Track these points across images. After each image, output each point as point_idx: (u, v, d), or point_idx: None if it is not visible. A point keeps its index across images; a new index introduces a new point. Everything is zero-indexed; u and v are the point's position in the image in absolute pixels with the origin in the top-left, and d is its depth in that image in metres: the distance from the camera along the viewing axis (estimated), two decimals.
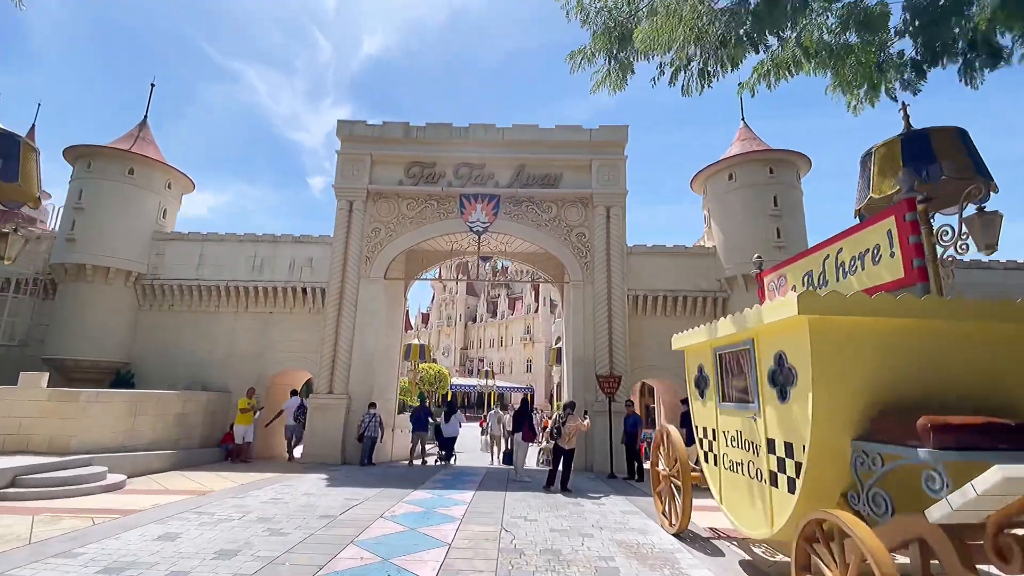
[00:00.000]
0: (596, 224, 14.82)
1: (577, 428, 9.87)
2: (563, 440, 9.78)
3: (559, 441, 9.80)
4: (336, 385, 13.88)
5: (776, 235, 14.06)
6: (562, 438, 9.79)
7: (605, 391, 12.60)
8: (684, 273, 15.07)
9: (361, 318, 14.39)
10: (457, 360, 62.44)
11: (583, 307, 14.47)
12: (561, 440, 9.79)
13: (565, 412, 9.92)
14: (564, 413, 9.91)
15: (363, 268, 14.72)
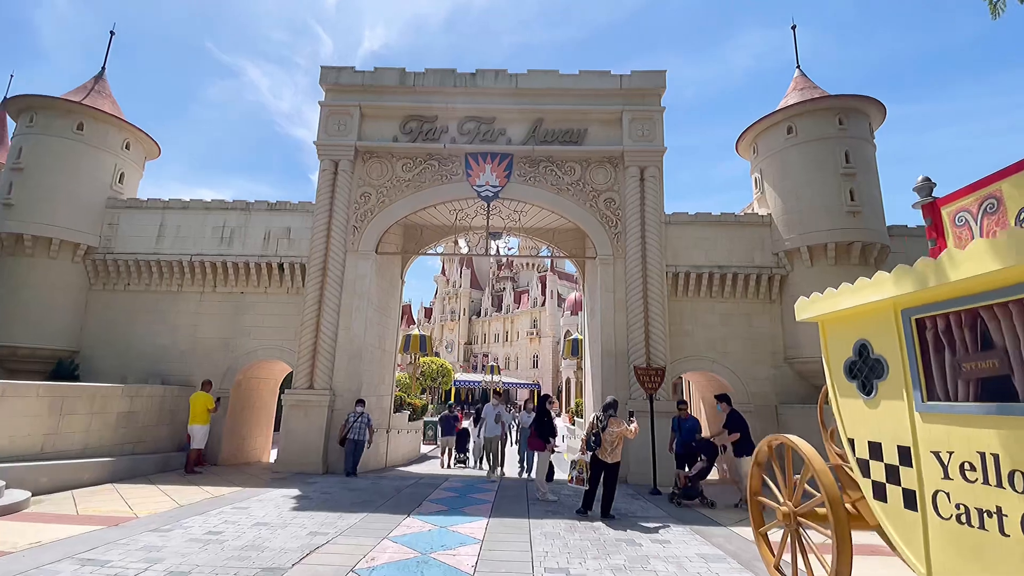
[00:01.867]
0: (628, 188, 12.40)
1: (622, 435, 7.51)
2: (603, 451, 7.41)
3: (598, 452, 7.43)
4: (318, 379, 11.54)
5: (849, 197, 11.60)
6: (601, 448, 7.42)
7: (646, 387, 10.21)
8: (733, 246, 12.64)
9: (348, 300, 12.05)
10: (461, 356, 60.16)
11: (613, 287, 12.07)
12: (601, 451, 7.41)
13: (605, 414, 7.55)
14: (604, 415, 7.54)
15: (350, 240, 12.36)
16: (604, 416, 7.53)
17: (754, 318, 12.50)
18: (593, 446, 7.47)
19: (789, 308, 12.10)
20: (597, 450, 7.42)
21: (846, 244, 11.44)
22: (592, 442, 7.44)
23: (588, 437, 7.55)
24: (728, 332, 12.42)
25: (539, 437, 8.52)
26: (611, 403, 7.64)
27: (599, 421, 7.53)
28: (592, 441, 7.43)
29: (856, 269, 11.56)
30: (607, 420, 7.49)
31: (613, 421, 7.51)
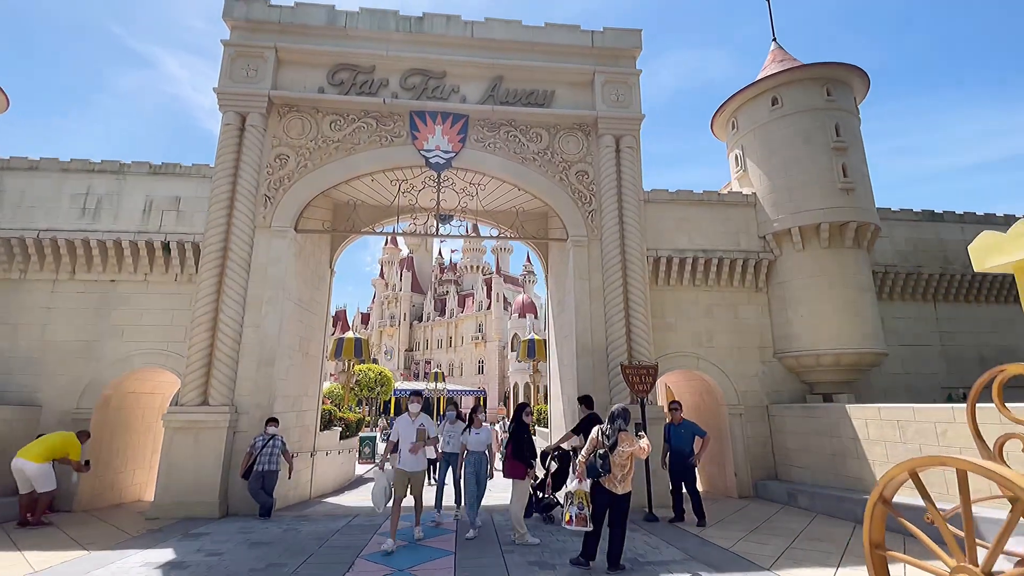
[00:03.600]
0: (603, 160, 10.67)
1: (634, 455, 5.60)
2: (611, 478, 5.46)
3: (604, 480, 5.46)
4: (215, 393, 8.83)
5: (842, 174, 10.49)
6: (610, 475, 5.47)
7: (636, 389, 8.42)
8: (718, 228, 11.24)
9: (258, 289, 9.42)
10: (401, 363, 56.75)
11: (588, 273, 10.25)
12: (608, 479, 5.45)
13: (613, 427, 5.60)
14: (611, 429, 5.59)
15: (261, 213, 9.75)
16: (612, 430, 5.58)
17: (740, 309, 11.13)
18: (600, 472, 5.49)
19: (777, 297, 10.84)
20: (604, 477, 5.46)
21: (840, 224, 10.31)
22: (599, 466, 5.46)
23: (591, 459, 5.57)
24: (713, 325, 10.96)
25: (517, 459, 6.44)
26: (620, 412, 5.69)
27: (605, 437, 5.57)
28: (599, 465, 5.45)
29: (850, 253, 10.48)
30: (616, 435, 5.54)
31: (623, 437, 5.58)
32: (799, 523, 7.67)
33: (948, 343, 11.65)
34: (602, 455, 5.42)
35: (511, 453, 6.48)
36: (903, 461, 3.19)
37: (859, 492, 8.06)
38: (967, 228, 12.18)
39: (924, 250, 11.94)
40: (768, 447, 10.40)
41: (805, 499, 8.76)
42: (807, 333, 10.29)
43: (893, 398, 10.78)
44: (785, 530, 7.20)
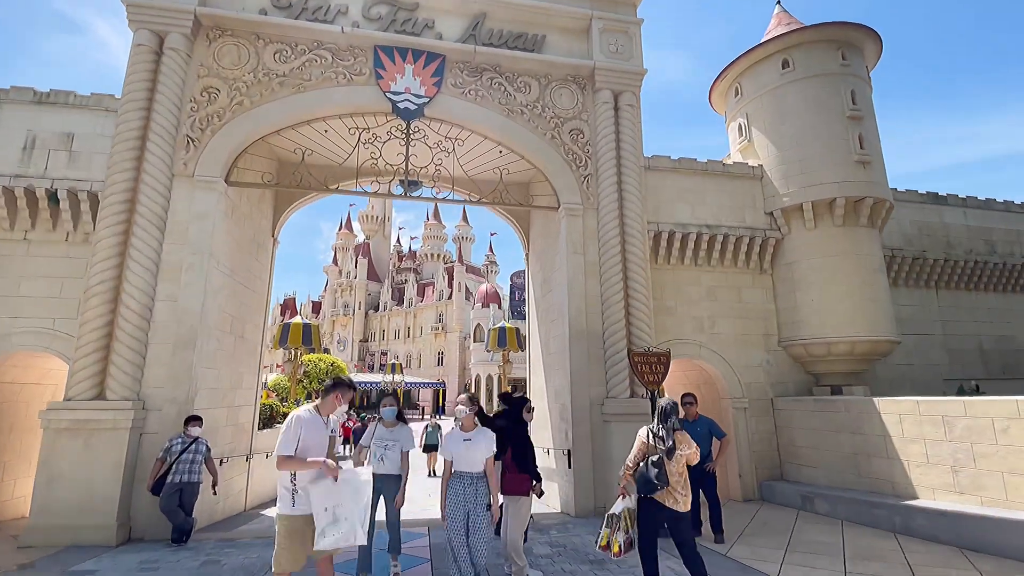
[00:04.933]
0: (600, 118, 9.29)
1: (689, 461, 4.25)
2: (670, 492, 4.09)
3: (661, 495, 4.09)
4: (114, 384, 6.86)
5: (859, 145, 9.56)
6: (667, 489, 4.10)
7: (646, 381, 7.12)
8: (723, 202, 10.11)
9: (176, 254, 7.48)
10: (355, 354, 54.01)
11: (583, 247, 8.87)
12: (666, 493, 4.09)
13: (667, 426, 4.21)
14: (666, 428, 4.20)
15: (182, 159, 7.78)
16: (666, 430, 4.21)
17: (744, 292, 10.08)
18: (657, 484, 4.10)
19: (784, 279, 9.84)
20: (655, 490, 4.09)
21: (856, 200, 9.38)
22: (654, 477, 4.07)
23: (640, 469, 4.19)
24: (716, 309, 9.85)
25: (521, 469, 4.96)
26: (672, 407, 4.31)
27: (658, 440, 4.20)
28: (654, 476, 4.06)
29: (864, 232, 9.58)
30: (672, 437, 4.18)
31: (681, 438, 4.24)
32: (830, 535, 6.61)
33: (949, 332, 11.06)
34: (657, 463, 4.05)
35: (511, 462, 4.99)
36: None
37: (890, 496, 7.09)
38: (969, 213, 11.65)
39: (928, 234, 11.30)
40: (773, 445, 9.41)
41: (824, 504, 7.76)
42: (817, 319, 9.33)
43: (898, 390, 10.03)
44: (824, 547, 6.09)
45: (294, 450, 3.46)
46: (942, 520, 6.13)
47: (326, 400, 3.77)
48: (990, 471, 6.05)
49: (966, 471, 6.35)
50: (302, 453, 3.47)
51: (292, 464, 3.45)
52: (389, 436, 5.14)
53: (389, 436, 5.14)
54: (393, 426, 5.25)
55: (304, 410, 3.64)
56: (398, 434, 5.18)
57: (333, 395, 3.78)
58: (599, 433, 8.20)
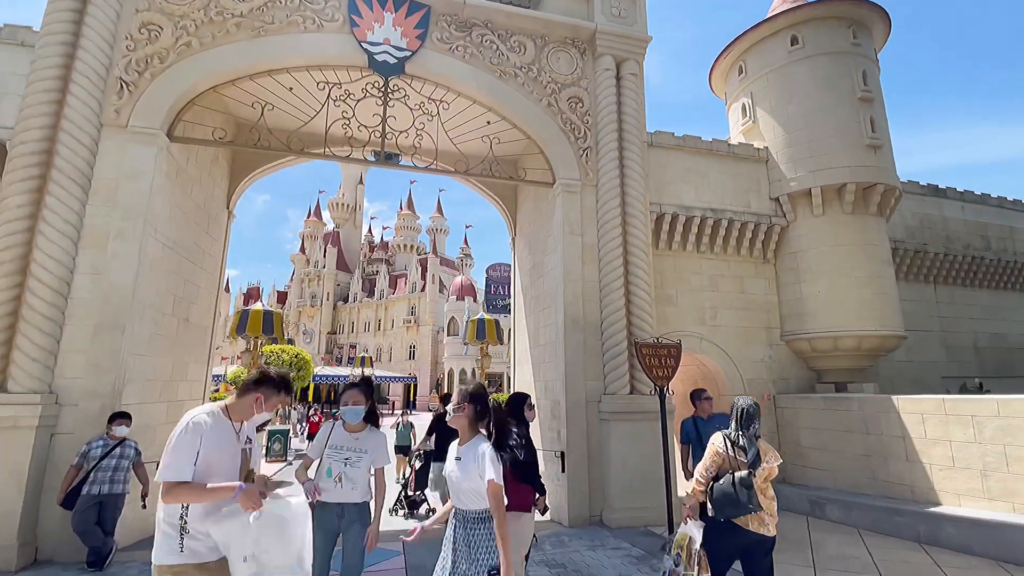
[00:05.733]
0: (601, 87, 8.45)
1: (770, 475, 3.44)
2: (758, 516, 3.29)
3: (746, 519, 3.28)
4: (18, 373, 5.63)
5: (870, 128, 9.01)
6: (742, 505, 3.28)
7: (655, 376, 6.30)
8: (728, 184, 9.43)
9: (102, 217, 6.26)
10: (323, 346, 52.03)
11: (581, 227, 8.02)
12: (755, 517, 3.29)
13: (749, 432, 3.38)
14: (747, 434, 3.37)
15: (114, 106, 6.55)
16: (748, 438, 3.41)
17: (746, 282, 9.44)
18: (749, 506, 3.27)
19: (788, 269, 9.24)
20: (739, 506, 3.29)
21: (866, 187, 8.84)
22: (745, 498, 3.24)
23: (722, 488, 3.37)
24: (718, 300, 9.18)
25: (523, 479, 4.07)
26: (754, 409, 3.50)
27: (738, 450, 3.39)
28: (744, 497, 3.24)
29: (873, 221, 9.06)
30: (756, 446, 3.38)
31: (766, 448, 3.46)
32: (854, 547, 5.98)
33: (947, 329, 10.73)
34: (747, 481, 3.24)
35: (510, 471, 4.09)
36: None
37: (910, 502, 6.53)
38: (967, 207, 11.35)
39: (929, 227, 10.93)
40: (775, 445, 8.79)
41: (836, 510, 7.16)
42: (824, 312, 8.76)
43: (898, 388, 9.60)
44: (855, 563, 5.44)
45: (191, 472, 2.26)
46: (976, 530, 5.57)
47: (242, 402, 2.54)
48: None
49: (997, 475, 5.81)
50: (202, 476, 2.28)
51: (189, 494, 2.24)
52: (353, 445, 3.48)
53: (353, 445, 3.48)
54: (359, 430, 3.55)
55: (204, 412, 2.42)
56: (366, 442, 3.51)
57: (253, 397, 2.54)
58: (595, 433, 7.40)
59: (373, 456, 3.50)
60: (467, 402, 2.87)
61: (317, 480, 3.39)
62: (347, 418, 3.55)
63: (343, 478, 3.38)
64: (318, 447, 3.54)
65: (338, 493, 3.38)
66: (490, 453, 2.73)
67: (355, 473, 3.41)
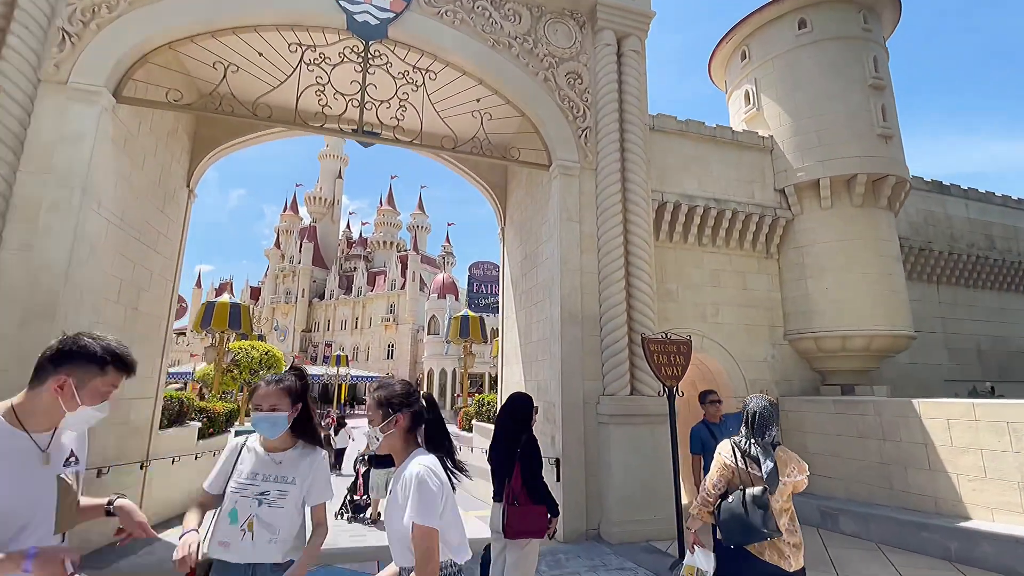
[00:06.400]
0: (601, 63, 7.83)
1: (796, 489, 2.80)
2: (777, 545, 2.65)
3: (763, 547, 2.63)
4: None
5: (881, 117, 8.58)
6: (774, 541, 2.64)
7: (664, 376, 5.68)
8: (731, 174, 8.90)
9: (33, 187, 5.39)
10: (297, 344, 50.48)
11: (579, 214, 7.38)
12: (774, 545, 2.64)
13: (765, 440, 2.76)
14: (762, 442, 2.75)
15: (52, 59, 5.67)
16: (763, 446, 2.78)
17: (749, 278, 8.93)
18: (764, 531, 2.63)
19: (793, 265, 8.76)
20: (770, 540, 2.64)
21: (877, 178, 8.41)
22: (759, 522, 2.60)
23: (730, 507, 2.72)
24: (720, 296, 8.63)
25: (535, 498, 3.40)
26: (769, 412, 2.87)
27: (749, 461, 2.76)
28: (759, 520, 2.60)
29: (883, 215, 8.64)
30: (773, 456, 2.76)
31: (785, 457, 2.84)
32: (880, 566, 5.45)
33: (949, 331, 10.41)
34: (761, 499, 2.60)
35: (520, 488, 3.41)
36: None
37: (933, 515, 6.04)
38: (971, 205, 11.08)
39: (933, 224, 10.61)
40: None
41: (851, 522, 6.65)
42: (832, 309, 8.29)
43: (901, 391, 9.19)
44: None
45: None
46: (1020, 549, 5.06)
47: (36, 395, 1.58)
48: None
49: None
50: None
51: None
52: (272, 473, 2.24)
53: (272, 473, 2.24)
54: (283, 449, 2.30)
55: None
56: (295, 467, 2.26)
57: (53, 383, 1.56)
58: (593, 438, 6.75)
59: (306, 489, 2.23)
60: (399, 412, 1.94)
61: (215, 527, 2.17)
62: (261, 430, 2.24)
63: (255, 524, 2.13)
64: (219, 475, 2.27)
65: (247, 548, 2.11)
66: (422, 475, 1.78)
67: (275, 517, 2.15)
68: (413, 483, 1.77)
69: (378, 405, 1.96)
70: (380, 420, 1.94)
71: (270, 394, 2.23)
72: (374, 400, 1.99)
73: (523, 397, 3.89)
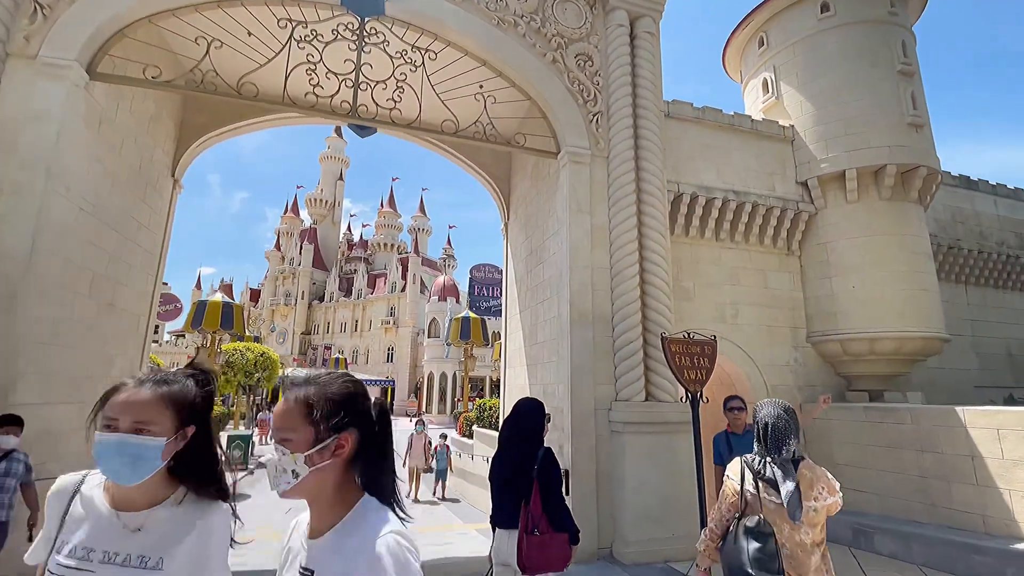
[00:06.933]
0: (612, 45, 7.33)
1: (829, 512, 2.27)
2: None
3: None
4: None
5: (911, 104, 8.06)
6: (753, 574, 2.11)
7: (687, 381, 5.14)
8: (751, 164, 8.38)
9: None
10: (296, 347, 49.94)
11: (590, 205, 6.86)
12: None
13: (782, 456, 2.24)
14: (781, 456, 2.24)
15: (21, 30, 5.20)
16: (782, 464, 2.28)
17: (770, 276, 8.39)
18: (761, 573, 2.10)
19: (816, 262, 8.22)
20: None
21: (907, 170, 7.88)
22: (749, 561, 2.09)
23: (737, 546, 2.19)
24: (739, 295, 8.10)
25: (556, 524, 2.90)
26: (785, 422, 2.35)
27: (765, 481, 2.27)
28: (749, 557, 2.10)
29: (913, 209, 8.11)
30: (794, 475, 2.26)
31: (812, 475, 2.31)
32: None
33: (978, 334, 9.84)
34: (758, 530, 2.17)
35: (539, 513, 2.89)
36: None
37: (984, 536, 5.47)
38: (1000, 202, 10.54)
39: (961, 221, 10.06)
40: None
41: (889, 542, 6.08)
42: (859, 310, 7.74)
43: (935, 399, 8.64)
44: None
45: None
46: None
47: None
48: None
49: None
50: None
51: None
52: (122, 548, 1.23)
53: (122, 548, 1.23)
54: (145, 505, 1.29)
55: None
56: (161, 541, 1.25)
57: None
58: (605, 448, 6.20)
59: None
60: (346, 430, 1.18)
61: None
62: (108, 469, 1.25)
63: None
64: (42, 540, 1.29)
65: None
66: (402, 557, 1.08)
67: None
68: (391, 570, 1.05)
69: (306, 413, 1.15)
70: (307, 441, 1.13)
71: (136, 403, 1.26)
72: (299, 403, 1.16)
73: (532, 403, 3.37)
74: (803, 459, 2.40)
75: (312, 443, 1.14)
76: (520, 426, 3.31)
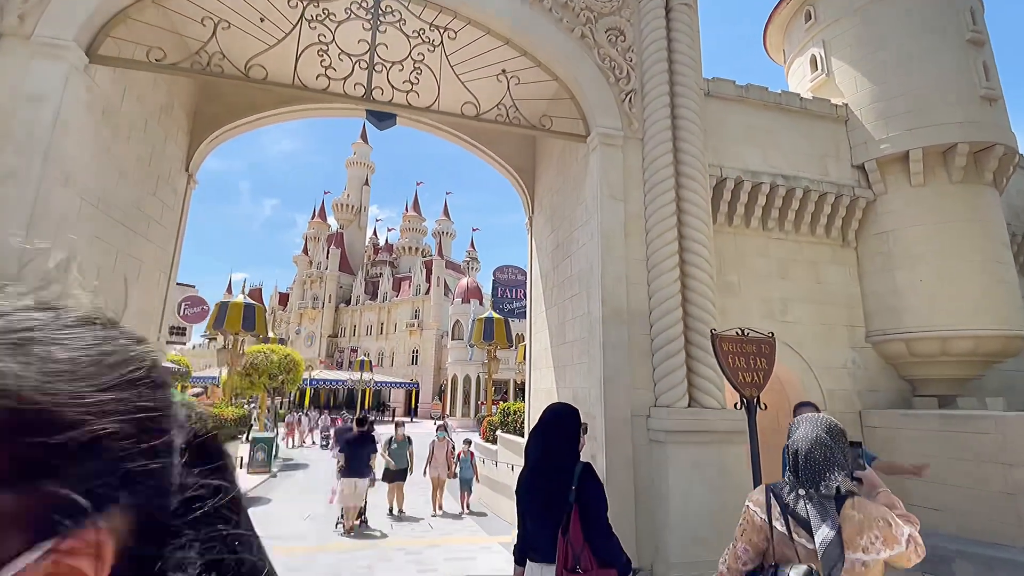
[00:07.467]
0: (647, 16, 6.73)
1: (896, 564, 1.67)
2: None
3: None
4: None
5: (984, 76, 7.21)
6: None
7: (741, 382, 4.51)
8: (800, 146, 7.65)
9: None
10: (323, 350, 50.43)
11: (624, 191, 6.27)
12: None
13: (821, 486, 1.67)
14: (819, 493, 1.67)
15: (15, 9, 4.94)
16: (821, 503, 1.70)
17: (822, 269, 7.63)
18: None
19: (876, 254, 7.41)
20: None
21: (981, 148, 7.03)
22: None
23: None
24: (789, 290, 7.36)
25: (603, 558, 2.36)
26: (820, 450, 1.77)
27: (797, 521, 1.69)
28: None
29: (988, 193, 7.25)
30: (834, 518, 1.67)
31: (859, 520, 1.66)
32: None
33: None
34: None
35: (580, 548, 2.36)
36: None
37: None
38: None
39: None
40: None
41: (971, 566, 5.29)
42: (927, 305, 6.92)
43: (1014, 405, 7.69)
44: None
45: None
46: None
47: None
48: None
49: None
50: None
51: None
52: None
53: None
54: None
55: None
56: None
57: None
58: (644, 459, 5.59)
59: None
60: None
61: None
62: None
63: None
64: None
65: None
66: None
67: None
68: None
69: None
70: None
71: None
72: None
73: (566, 408, 2.84)
74: (852, 495, 1.78)
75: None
76: (552, 436, 2.78)
